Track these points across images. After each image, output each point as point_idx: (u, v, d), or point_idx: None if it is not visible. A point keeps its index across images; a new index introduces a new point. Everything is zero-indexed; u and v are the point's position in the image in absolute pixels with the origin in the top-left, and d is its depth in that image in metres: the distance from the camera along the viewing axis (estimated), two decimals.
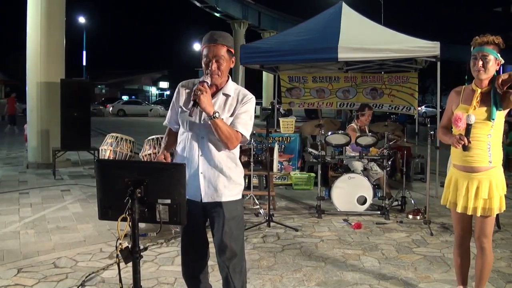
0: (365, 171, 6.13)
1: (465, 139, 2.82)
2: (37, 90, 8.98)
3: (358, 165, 6.06)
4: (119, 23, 77.11)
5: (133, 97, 48.90)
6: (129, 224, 2.10)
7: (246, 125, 2.40)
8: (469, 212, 2.88)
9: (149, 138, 5.22)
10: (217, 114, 2.26)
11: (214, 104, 2.36)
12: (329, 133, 5.78)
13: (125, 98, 46.34)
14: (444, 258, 4.10)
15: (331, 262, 4.02)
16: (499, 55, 2.81)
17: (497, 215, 4.95)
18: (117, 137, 5.58)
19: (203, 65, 2.38)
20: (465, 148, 2.84)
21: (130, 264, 2.17)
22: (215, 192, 2.40)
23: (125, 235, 2.18)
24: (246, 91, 2.49)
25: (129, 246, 2.15)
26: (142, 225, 4.09)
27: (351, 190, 5.60)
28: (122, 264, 2.18)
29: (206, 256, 2.60)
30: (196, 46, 34.21)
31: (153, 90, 61.26)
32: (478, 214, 2.84)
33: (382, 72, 8.98)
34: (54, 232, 4.81)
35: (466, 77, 41.79)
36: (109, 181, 2.21)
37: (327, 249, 4.36)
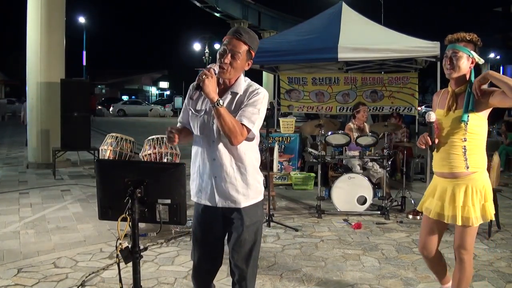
0: (366, 171, 6.14)
1: (428, 139, 2.71)
2: (37, 90, 8.98)
3: (356, 164, 6.07)
4: (119, 23, 77.07)
5: (133, 97, 48.92)
6: (129, 224, 2.10)
7: (251, 117, 2.20)
8: (447, 221, 2.68)
9: (149, 138, 5.22)
10: (221, 102, 2.13)
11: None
12: (329, 133, 5.79)
13: (125, 98, 46.38)
14: (444, 258, 4.09)
15: (331, 262, 4.02)
16: (473, 52, 2.63)
17: (497, 215, 4.98)
18: (117, 137, 5.58)
19: (217, 55, 2.24)
20: (431, 148, 2.74)
21: (130, 264, 2.17)
22: (230, 199, 2.28)
23: (125, 235, 2.18)
24: (257, 86, 2.31)
25: (129, 246, 2.15)
26: (142, 225, 4.09)
27: (351, 190, 5.59)
28: (122, 264, 2.18)
29: (221, 263, 2.46)
30: (196, 46, 34.19)
31: (153, 90, 61.25)
32: (459, 223, 2.63)
33: (382, 72, 8.96)
34: (54, 232, 4.81)
35: None
36: (109, 181, 2.22)
37: (327, 249, 4.36)
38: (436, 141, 2.73)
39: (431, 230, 2.81)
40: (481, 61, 2.67)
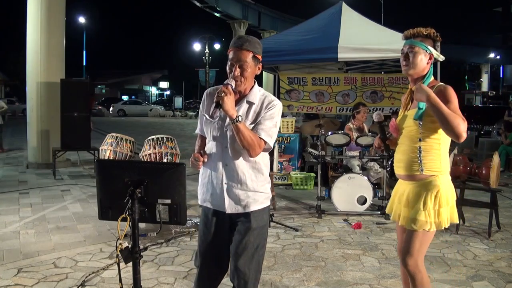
0: (365, 171, 6.14)
1: (379, 140, 2.65)
2: (37, 90, 8.98)
3: (355, 164, 6.07)
4: (119, 23, 77.14)
5: (133, 97, 48.97)
6: (129, 224, 2.10)
7: (269, 131, 2.28)
8: (401, 223, 2.53)
9: (149, 138, 5.22)
10: (240, 118, 2.17)
11: (237, 112, 2.27)
12: (329, 133, 5.78)
13: (125, 98, 46.43)
14: (444, 258, 4.10)
15: (331, 262, 4.02)
16: (431, 48, 2.45)
17: (497, 215, 4.98)
18: (117, 137, 5.59)
19: (227, 68, 2.29)
20: (385, 149, 2.65)
21: (130, 264, 2.17)
22: (240, 203, 2.31)
23: (125, 235, 2.18)
24: (272, 97, 2.36)
25: (129, 246, 2.15)
26: (142, 225, 4.09)
27: (351, 190, 5.60)
28: (122, 264, 2.19)
29: (226, 270, 2.44)
30: (196, 46, 34.20)
31: (153, 90, 61.32)
32: (407, 225, 2.46)
33: (382, 72, 8.95)
34: (54, 232, 4.81)
35: (466, 77, 41.82)
36: (109, 181, 2.22)
37: (327, 249, 4.36)
38: (388, 141, 2.64)
39: (400, 234, 2.63)
40: (440, 57, 2.50)
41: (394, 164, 2.60)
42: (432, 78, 2.48)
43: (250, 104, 2.32)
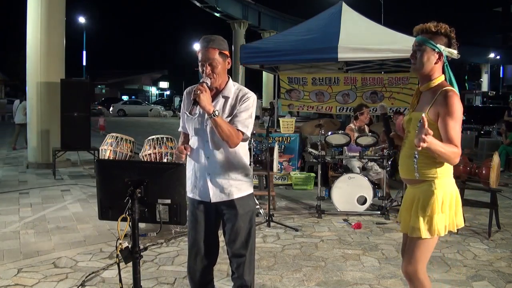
0: (365, 171, 6.13)
1: (383, 135, 2.66)
2: (37, 90, 8.98)
3: (355, 164, 6.07)
4: (119, 23, 76.94)
5: (133, 97, 48.94)
6: (129, 224, 2.11)
7: (245, 122, 2.43)
8: (401, 228, 2.49)
9: (149, 138, 5.22)
10: (216, 112, 2.31)
11: (214, 107, 2.40)
12: (329, 133, 5.78)
13: (125, 98, 46.40)
14: (444, 258, 4.10)
15: (331, 262, 4.02)
16: (440, 46, 2.26)
17: (497, 215, 4.98)
18: (117, 137, 5.59)
19: (199, 69, 2.44)
20: (389, 144, 2.63)
21: (130, 264, 2.17)
22: (223, 192, 2.46)
23: (125, 235, 2.18)
24: (246, 90, 2.52)
25: (129, 246, 2.15)
26: (142, 225, 4.09)
27: (351, 190, 5.59)
28: (122, 264, 2.19)
29: (216, 259, 2.60)
30: (196, 46, 34.14)
31: (153, 90, 61.27)
32: (408, 232, 2.37)
33: (382, 72, 8.94)
34: (54, 232, 4.81)
35: (466, 77, 41.82)
36: (109, 181, 2.22)
37: (327, 249, 4.36)
38: (393, 134, 2.62)
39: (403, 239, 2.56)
40: (454, 54, 2.29)
41: (399, 165, 2.51)
42: (442, 79, 2.32)
43: (226, 98, 2.47)
